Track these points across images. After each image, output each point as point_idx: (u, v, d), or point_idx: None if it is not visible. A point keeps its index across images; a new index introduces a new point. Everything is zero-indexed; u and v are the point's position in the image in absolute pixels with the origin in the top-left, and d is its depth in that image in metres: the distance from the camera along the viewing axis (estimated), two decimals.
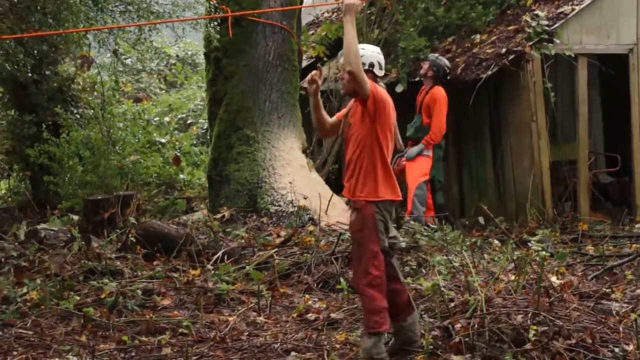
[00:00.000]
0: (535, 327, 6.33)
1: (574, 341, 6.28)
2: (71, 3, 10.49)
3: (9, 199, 16.20)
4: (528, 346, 6.18)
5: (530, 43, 12.16)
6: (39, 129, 14.63)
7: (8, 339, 7.18)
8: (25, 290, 8.38)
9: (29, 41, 12.55)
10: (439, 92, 12.01)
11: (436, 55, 12.38)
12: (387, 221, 6.46)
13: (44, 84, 15.04)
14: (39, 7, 11.40)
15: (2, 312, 7.71)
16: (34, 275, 8.91)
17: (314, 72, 6.65)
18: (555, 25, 12.34)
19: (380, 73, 6.54)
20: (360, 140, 6.40)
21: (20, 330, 7.43)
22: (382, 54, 6.75)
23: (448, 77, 12.13)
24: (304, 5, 13.51)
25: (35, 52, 13.68)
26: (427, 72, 12.09)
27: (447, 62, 12.19)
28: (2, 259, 9.59)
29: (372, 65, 6.49)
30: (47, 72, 15.08)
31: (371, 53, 6.54)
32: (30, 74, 13.22)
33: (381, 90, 6.44)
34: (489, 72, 12.12)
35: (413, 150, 12.09)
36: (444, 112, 11.99)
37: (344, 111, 6.77)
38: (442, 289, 7.38)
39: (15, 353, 6.88)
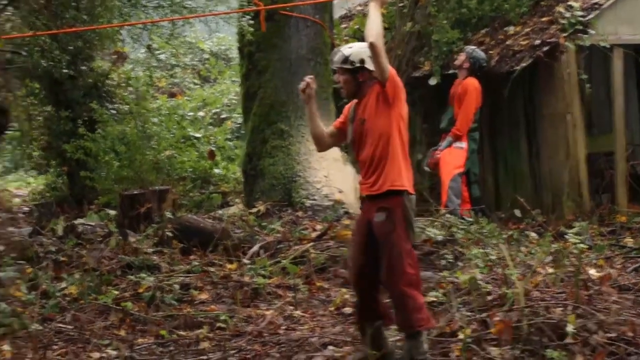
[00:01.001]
0: (574, 320, 6.29)
1: (614, 334, 6.25)
2: None
3: (47, 194, 16.35)
4: (568, 340, 6.14)
5: (564, 34, 12.07)
6: (75, 124, 14.74)
7: (48, 333, 7.23)
8: (64, 284, 8.44)
9: (64, 37, 12.64)
10: (472, 83, 11.97)
11: (473, 47, 12.33)
12: (413, 216, 6.30)
13: (80, 79, 15.15)
14: (73, 4, 11.48)
15: (41, 307, 7.76)
16: (73, 270, 8.97)
17: (307, 78, 6.46)
18: (590, 16, 12.24)
19: (373, 67, 6.22)
20: (381, 131, 6.16)
21: (59, 325, 7.49)
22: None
23: (484, 70, 12.09)
24: None
25: (70, 48, 13.76)
26: (463, 64, 12.05)
27: (483, 55, 12.15)
28: (41, 254, 9.65)
29: (362, 61, 6.23)
30: (83, 68, 15.18)
31: (359, 49, 6.28)
32: (65, 70, 13.30)
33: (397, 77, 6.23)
34: (523, 64, 12.04)
35: (444, 142, 12.07)
36: (473, 104, 11.93)
37: (341, 118, 6.52)
38: (479, 282, 7.34)
39: (55, 347, 6.94)
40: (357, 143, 6.35)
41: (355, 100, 6.42)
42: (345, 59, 6.26)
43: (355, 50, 6.29)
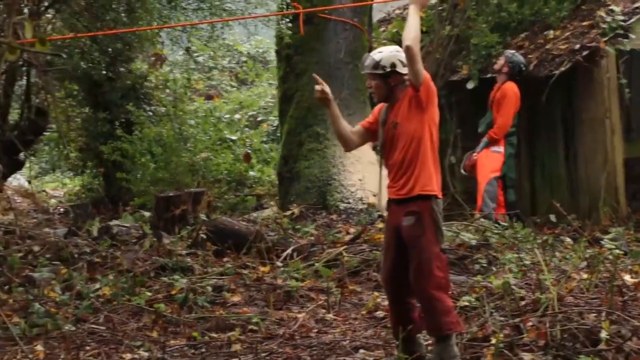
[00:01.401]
0: (608, 327, 6.22)
1: None
2: (145, 1, 10.61)
3: (83, 195, 16.46)
4: (601, 346, 6.08)
5: (605, 39, 11.98)
6: (112, 126, 14.83)
7: (81, 334, 7.26)
8: (98, 286, 8.48)
9: (104, 39, 12.73)
10: (511, 87, 11.92)
11: (513, 51, 12.27)
12: (441, 219, 6.25)
13: (118, 81, 15.25)
14: (113, 6, 11.56)
15: (75, 308, 7.81)
16: (107, 271, 9.01)
17: (317, 86, 6.42)
18: (631, 20, 12.13)
19: (405, 70, 6.19)
20: (413, 135, 6.13)
21: (93, 326, 7.53)
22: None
23: (523, 74, 12.03)
24: (375, 1, 13.47)
25: (110, 50, 13.86)
26: (503, 68, 11.99)
27: (522, 59, 12.09)
28: (76, 255, 9.71)
29: (393, 65, 6.21)
30: (121, 70, 15.27)
31: (389, 53, 6.26)
32: (104, 72, 13.41)
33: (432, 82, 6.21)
34: (562, 68, 11.96)
35: (480, 144, 12.03)
36: (512, 109, 11.88)
37: (370, 118, 6.50)
38: (513, 287, 7.29)
39: (88, 348, 6.96)
40: (387, 146, 6.33)
41: (385, 103, 6.41)
42: (377, 64, 6.25)
43: (385, 54, 6.28)
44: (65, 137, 15.64)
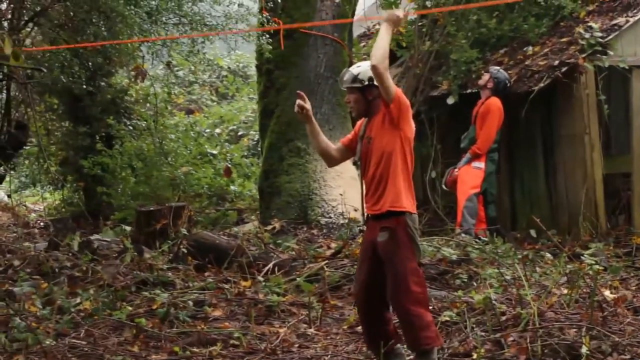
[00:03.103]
0: (588, 342, 6.26)
1: (628, 356, 6.22)
2: (126, 15, 10.60)
3: (63, 209, 16.40)
4: None
5: (583, 55, 12.05)
6: (93, 140, 14.81)
7: (62, 348, 7.23)
8: (78, 300, 8.45)
9: (84, 53, 12.71)
10: (494, 103, 11.99)
11: (497, 67, 12.34)
12: (417, 235, 6.30)
13: (98, 95, 15.21)
14: (94, 20, 11.54)
15: (56, 322, 7.77)
16: (87, 285, 8.99)
17: (298, 101, 6.50)
18: (609, 37, 12.21)
19: None
20: (384, 150, 6.22)
21: (73, 340, 7.49)
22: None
23: (507, 90, 12.11)
24: (354, 19, 13.55)
25: (90, 64, 13.83)
26: (487, 84, 12.07)
27: (507, 75, 12.17)
28: (57, 269, 9.69)
29: (371, 79, 6.28)
30: (102, 84, 15.24)
31: (367, 68, 6.32)
32: (84, 86, 13.37)
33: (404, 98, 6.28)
34: (542, 84, 12.02)
35: (462, 160, 12.09)
36: (495, 124, 11.96)
37: (351, 135, 6.60)
38: (494, 302, 7.33)
39: None
40: (363, 161, 6.42)
41: (364, 118, 6.49)
42: (355, 78, 6.35)
43: (363, 68, 6.37)
44: (46, 151, 15.59)
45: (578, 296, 7.69)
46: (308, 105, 6.51)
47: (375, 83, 6.23)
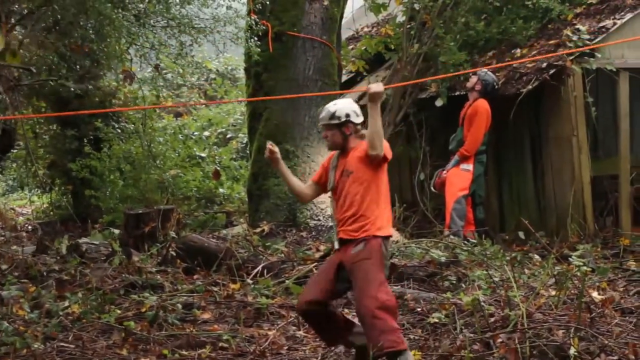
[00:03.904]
0: (577, 343, 6.28)
1: (616, 357, 6.24)
2: (113, 19, 10.58)
3: (51, 212, 16.36)
4: None
5: (571, 57, 12.09)
6: (81, 143, 14.78)
7: (50, 352, 7.22)
8: (67, 303, 8.43)
9: (72, 56, 12.68)
10: (482, 105, 12.01)
11: (485, 70, 12.36)
12: (388, 257, 6.63)
13: (86, 98, 15.17)
14: (81, 23, 11.52)
15: (44, 326, 7.75)
16: (76, 288, 8.98)
17: (268, 145, 6.83)
18: (597, 40, 12.25)
19: (359, 120, 6.65)
20: (364, 184, 6.53)
21: (62, 344, 7.48)
22: (358, 105, 6.81)
23: (495, 92, 12.14)
24: (343, 20, 13.56)
25: (78, 67, 13.80)
26: (475, 86, 12.10)
27: (495, 78, 12.20)
28: (45, 273, 9.67)
29: (347, 115, 6.61)
30: (90, 87, 15.21)
31: (343, 105, 6.67)
32: (72, 89, 13.34)
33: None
34: (530, 87, 12.05)
35: (450, 162, 12.12)
36: (483, 126, 11.99)
37: (320, 171, 6.87)
38: (482, 303, 7.34)
39: None
40: (339, 192, 6.67)
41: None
42: (332, 115, 6.65)
43: (339, 106, 6.68)
44: (33, 154, 15.56)
45: (566, 297, 7.72)
46: (276, 149, 6.84)
47: (352, 119, 6.62)
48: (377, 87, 6.51)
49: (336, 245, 6.62)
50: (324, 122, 6.67)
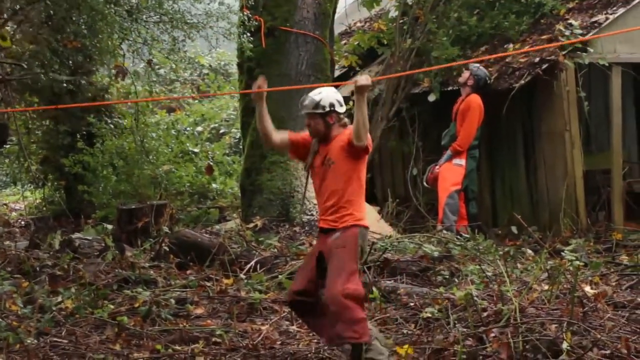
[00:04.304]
0: (570, 337, 6.29)
1: (608, 352, 6.25)
2: (106, 14, 10.57)
3: (44, 208, 16.34)
4: (563, 357, 6.14)
5: (563, 52, 12.10)
6: (74, 138, 14.76)
7: (44, 347, 7.21)
8: (60, 299, 8.42)
9: (65, 52, 12.67)
10: (475, 100, 12.04)
11: (477, 65, 12.38)
12: (365, 248, 6.81)
13: (79, 94, 15.14)
14: (74, 18, 11.50)
15: (37, 321, 7.75)
16: (69, 284, 8.96)
17: (259, 79, 6.85)
18: (590, 34, 12.27)
19: (342, 109, 6.71)
20: (345, 175, 6.60)
21: (55, 339, 7.47)
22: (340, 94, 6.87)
23: (487, 87, 12.16)
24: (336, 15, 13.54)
25: (70, 62, 13.78)
26: (467, 81, 12.11)
27: (486, 73, 12.22)
28: (37, 268, 9.66)
29: (332, 105, 6.65)
30: (82, 82, 15.18)
31: (327, 95, 6.69)
32: (65, 85, 13.32)
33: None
34: (522, 82, 12.07)
35: (443, 157, 12.14)
36: (476, 121, 12.02)
37: (300, 138, 6.91)
38: (475, 298, 7.35)
39: None
40: (320, 180, 6.75)
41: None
42: (317, 105, 6.68)
43: (324, 96, 6.70)
44: (26, 149, 15.52)
45: (559, 292, 7.74)
46: (265, 85, 6.85)
47: (336, 109, 6.67)
48: (364, 79, 6.50)
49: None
50: (307, 110, 6.70)
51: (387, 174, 15.03)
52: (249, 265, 9.55)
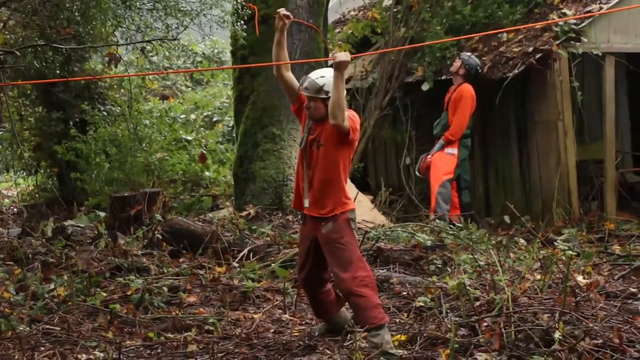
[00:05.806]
0: (562, 327, 6.30)
1: (600, 341, 6.26)
2: (99, 1, 10.54)
3: (37, 195, 16.31)
4: (555, 346, 6.16)
5: (557, 42, 12.10)
6: (67, 126, 14.72)
7: (36, 334, 7.22)
8: (52, 286, 8.43)
9: (58, 39, 12.62)
10: (467, 89, 12.04)
11: (469, 54, 12.38)
12: (356, 227, 6.83)
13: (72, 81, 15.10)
14: (67, 5, 11.46)
15: (30, 308, 7.75)
16: (61, 271, 8.96)
17: (285, 12, 6.81)
18: (583, 24, 12.26)
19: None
20: (332, 159, 6.64)
21: (47, 326, 7.48)
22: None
23: (479, 76, 12.15)
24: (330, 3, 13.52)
25: (64, 49, 13.73)
26: (459, 70, 12.12)
27: (478, 62, 12.22)
28: (30, 255, 9.64)
29: None
30: (75, 69, 15.13)
31: (329, 79, 6.62)
32: (58, 72, 13.27)
33: (353, 115, 6.63)
34: (516, 71, 12.07)
35: (435, 146, 12.15)
36: (468, 110, 12.03)
37: (303, 98, 6.84)
38: (468, 287, 7.36)
39: (42, 348, 6.92)
40: (309, 160, 6.77)
41: None
42: (320, 89, 6.66)
43: (327, 80, 6.64)
44: (19, 136, 15.47)
45: (551, 281, 7.75)
46: (289, 20, 6.81)
47: None
48: (343, 55, 6.48)
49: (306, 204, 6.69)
50: (309, 93, 6.68)
51: (380, 163, 15.04)
52: (241, 254, 9.56)
